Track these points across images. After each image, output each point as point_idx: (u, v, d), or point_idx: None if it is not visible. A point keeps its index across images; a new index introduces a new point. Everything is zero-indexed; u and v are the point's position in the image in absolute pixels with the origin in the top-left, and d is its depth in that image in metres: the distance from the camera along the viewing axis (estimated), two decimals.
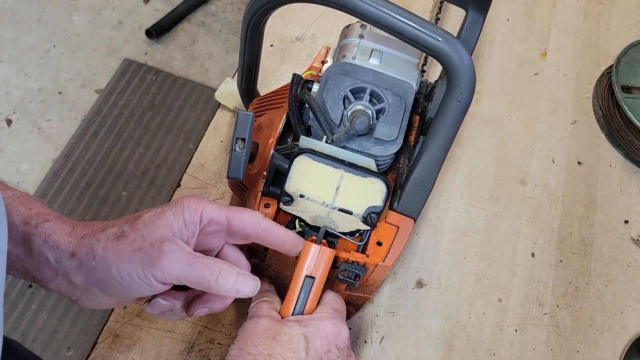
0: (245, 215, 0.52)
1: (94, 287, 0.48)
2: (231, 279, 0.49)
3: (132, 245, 0.47)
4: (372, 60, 0.61)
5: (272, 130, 0.62)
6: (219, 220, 0.51)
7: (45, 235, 0.48)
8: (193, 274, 0.47)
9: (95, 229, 0.49)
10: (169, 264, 0.46)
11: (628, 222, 0.83)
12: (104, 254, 0.47)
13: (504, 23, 1.00)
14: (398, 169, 0.63)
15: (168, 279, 0.47)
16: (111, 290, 0.48)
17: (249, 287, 0.50)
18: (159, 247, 0.47)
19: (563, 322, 0.74)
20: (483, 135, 0.88)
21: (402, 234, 0.58)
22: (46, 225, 0.49)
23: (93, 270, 0.47)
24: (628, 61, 0.91)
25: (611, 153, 0.89)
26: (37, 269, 0.49)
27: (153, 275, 0.46)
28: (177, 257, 0.47)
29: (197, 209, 0.50)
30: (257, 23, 0.60)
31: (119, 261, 0.47)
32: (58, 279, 0.49)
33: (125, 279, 0.47)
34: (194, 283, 0.48)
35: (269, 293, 0.58)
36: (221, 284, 0.48)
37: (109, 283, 0.47)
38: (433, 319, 0.73)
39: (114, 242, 0.48)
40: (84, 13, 2.06)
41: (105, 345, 0.67)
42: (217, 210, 0.51)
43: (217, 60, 1.99)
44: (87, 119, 1.82)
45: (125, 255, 0.47)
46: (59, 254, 0.48)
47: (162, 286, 0.48)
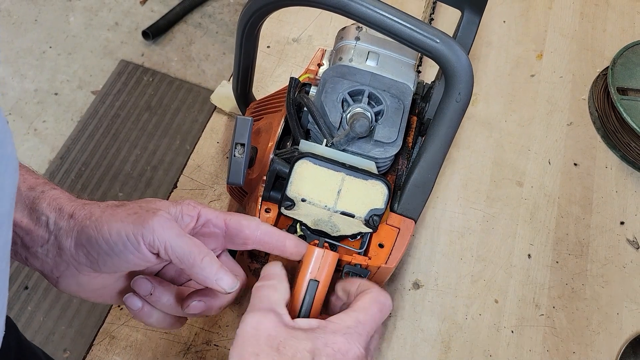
0: (243, 218, 0.52)
1: (81, 252, 0.48)
2: (215, 265, 0.48)
3: (129, 210, 0.48)
4: (369, 62, 0.61)
5: (270, 134, 0.62)
6: (216, 222, 0.51)
7: (50, 199, 0.49)
8: (180, 245, 0.47)
9: (98, 202, 0.50)
10: (159, 226, 0.46)
11: (624, 223, 0.83)
12: (100, 214, 0.47)
13: (500, 25, 1.01)
14: (397, 171, 0.63)
15: (156, 243, 0.46)
16: (96, 252, 0.47)
17: (228, 282, 0.48)
18: (154, 212, 0.47)
19: (559, 323, 0.75)
20: (479, 137, 0.88)
21: (404, 235, 0.58)
22: (52, 192, 0.50)
23: (85, 229, 0.47)
24: (624, 63, 0.91)
25: (607, 155, 0.89)
26: (30, 232, 0.49)
27: (142, 234, 0.46)
28: (169, 224, 0.47)
29: (194, 207, 0.51)
30: (252, 27, 0.60)
31: (112, 220, 0.47)
32: (49, 242, 0.49)
33: (114, 237, 0.46)
34: (179, 256, 0.47)
35: (278, 278, 0.52)
36: (205, 266, 0.47)
37: (96, 243, 0.47)
38: (430, 321, 0.73)
39: (112, 208, 0.48)
40: (80, 14, 2.06)
41: (102, 347, 0.67)
42: (214, 213, 0.51)
43: (214, 61, 1.99)
44: (84, 120, 1.82)
45: (120, 216, 0.47)
46: (59, 216, 0.48)
47: (149, 254, 0.47)
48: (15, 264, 1.61)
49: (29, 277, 1.55)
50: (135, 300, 0.51)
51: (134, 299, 0.51)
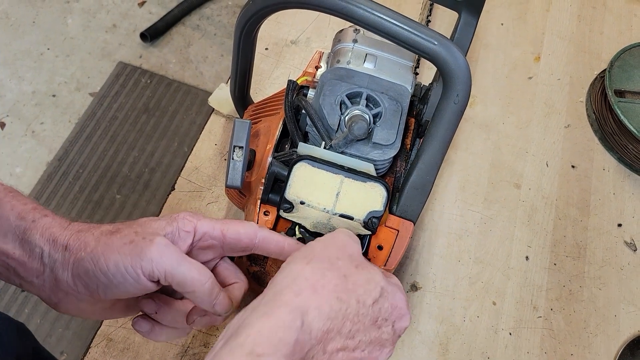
0: (240, 227, 0.51)
1: (79, 283, 0.47)
2: (214, 292, 0.48)
3: (124, 238, 0.47)
4: (367, 64, 0.61)
5: (269, 137, 0.62)
6: (213, 234, 0.50)
7: (42, 230, 0.48)
8: (181, 272, 0.46)
9: (92, 226, 0.49)
10: (158, 255, 0.45)
11: (621, 225, 0.83)
12: (95, 245, 0.46)
13: (498, 27, 1.01)
14: (396, 173, 0.63)
15: (155, 273, 0.46)
16: (94, 284, 0.47)
17: (224, 307, 0.49)
18: (151, 240, 0.46)
19: (557, 325, 0.75)
20: (477, 139, 0.88)
21: (402, 237, 0.58)
22: (44, 220, 0.48)
23: (81, 262, 0.46)
24: (621, 65, 0.91)
25: (604, 157, 0.89)
26: (24, 265, 0.48)
27: (141, 266, 0.45)
28: (168, 251, 0.46)
29: (190, 220, 0.50)
30: (250, 30, 0.60)
31: (108, 252, 0.46)
32: (44, 274, 0.48)
33: (112, 270, 0.45)
34: (180, 282, 0.47)
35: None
36: (206, 291, 0.47)
37: (94, 276, 0.46)
38: (427, 323, 0.73)
39: (107, 236, 0.47)
40: (78, 16, 2.06)
41: (99, 349, 0.67)
42: (211, 223, 0.50)
43: (212, 63, 1.99)
44: (81, 122, 1.82)
45: (116, 246, 0.46)
46: (53, 248, 0.47)
47: (149, 283, 0.47)
48: None
49: None
50: (143, 324, 0.51)
51: (142, 323, 0.52)
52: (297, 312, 0.41)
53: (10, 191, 0.51)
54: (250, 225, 0.52)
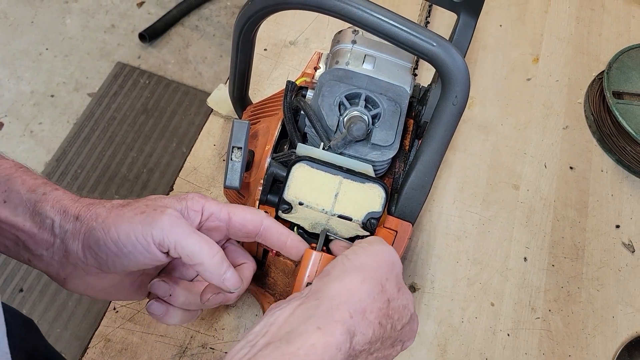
0: (248, 212, 0.51)
1: (89, 254, 0.47)
2: (224, 265, 0.48)
3: (136, 209, 0.47)
4: (366, 65, 0.61)
5: (267, 137, 0.62)
6: (220, 216, 0.51)
7: (53, 201, 0.48)
8: (191, 244, 0.46)
9: (103, 200, 0.49)
10: (169, 225, 0.46)
11: (619, 226, 0.83)
12: (106, 215, 0.47)
13: (496, 29, 1.01)
14: (394, 174, 0.63)
15: (166, 242, 0.46)
16: (104, 253, 0.47)
17: (233, 282, 0.49)
18: (162, 211, 0.47)
19: (555, 327, 0.75)
20: (476, 140, 0.88)
21: (401, 238, 0.58)
22: (55, 193, 0.49)
23: (92, 232, 0.46)
24: (619, 67, 0.92)
25: (603, 158, 0.89)
26: (34, 236, 0.48)
27: (152, 234, 0.46)
28: (178, 222, 0.46)
29: (199, 201, 0.50)
30: (249, 30, 0.60)
31: (119, 221, 0.46)
32: (54, 246, 0.48)
33: (122, 239, 0.46)
34: (190, 254, 0.47)
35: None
36: (214, 264, 0.47)
37: (104, 245, 0.46)
38: (426, 324, 0.73)
39: (118, 208, 0.48)
40: (77, 16, 2.06)
41: (97, 350, 0.67)
42: (218, 205, 0.51)
43: (211, 64, 1.99)
44: (80, 122, 1.82)
45: (127, 217, 0.46)
46: (64, 218, 0.48)
47: (159, 253, 0.47)
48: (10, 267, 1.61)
49: (24, 280, 1.54)
50: (158, 307, 0.52)
51: (157, 305, 0.52)
52: (349, 334, 0.42)
53: (20, 167, 0.51)
54: (258, 213, 0.52)
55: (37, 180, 0.50)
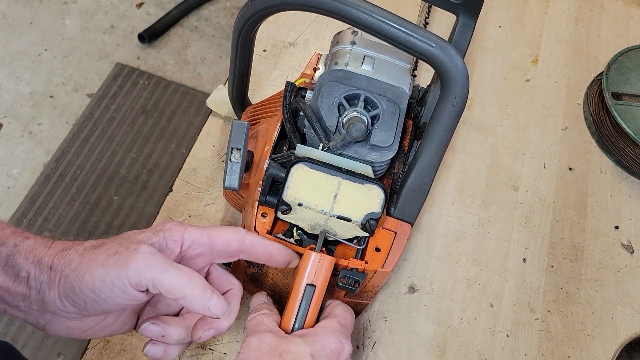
0: (228, 232, 0.51)
1: (66, 301, 0.46)
2: (207, 294, 0.47)
3: (108, 251, 0.46)
4: (365, 66, 0.61)
5: (267, 138, 0.62)
6: (201, 241, 0.50)
7: (25, 252, 0.47)
8: (168, 279, 0.45)
9: (76, 243, 0.48)
10: (143, 264, 0.45)
11: (618, 227, 0.83)
12: (79, 261, 0.45)
13: (495, 30, 1.01)
14: (393, 175, 0.63)
15: (143, 282, 0.45)
16: (82, 300, 0.46)
17: (220, 308, 0.48)
18: (135, 249, 0.45)
19: (554, 328, 0.75)
20: (475, 141, 0.89)
21: (400, 239, 0.58)
22: (26, 243, 0.47)
23: (67, 280, 0.45)
24: (618, 68, 0.92)
25: (602, 159, 0.89)
26: (9, 290, 0.47)
27: (127, 276, 0.44)
28: (154, 259, 0.45)
29: (177, 230, 0.49)
30: (248, 31, 0.60)
31: (92, 266, 0.45)
32: (31, 297, 0.47)
33: (98, 284, 0.44)
34: (169, 289, 0.46)
35: (268, 305, 0.56)
36: (196, 296, 0.46)
37: (80, 292, 0.45)
38: (425, 325, 0.73)
39: (90, 251, 0.46)
40: (76, 17, 2.05)
41: (96, 351, 0.66)
42: (198, 231, 0.50)
43: (210, 64, 1.99)
44: (79, 123, 1.82)
45: (100, 260, 0.45)
46: (38, 269, 0.46)
47: (138, 293, 0.46)
48: None
49: None
50: (155, 349, 0.51)
51: (153, 348, 0.51)
52: None
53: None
54: (238, 231, 0.52)
55: (4, 230, 0.48)
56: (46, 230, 1.59)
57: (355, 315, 0.69)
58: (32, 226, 1.59)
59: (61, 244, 0.48)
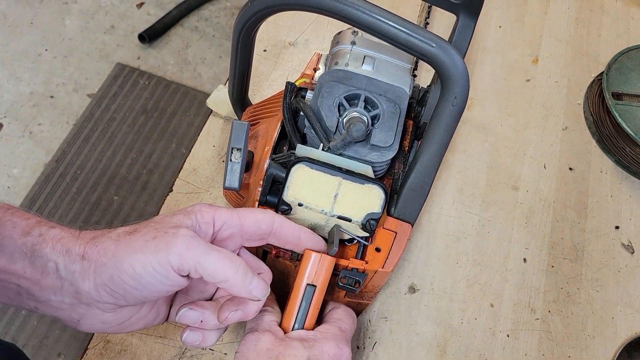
0: (259, 213, 0.50)
1: (103, 291, 0.45)
2: (248, 276, 0.46)
3: (146, 236, 0.44)
4: (365, 66, 0.61)
5: (267, 139, 0.62)
6: (232, 222, 0.49)
7: (53, 242, 0.45)
8: (211, 262, 0.44)
9: (105, 231, 0.46)
10: (185, 247, 0.43)
11: (619, 227, 0.83)
12: (116, 248, 0.44)
13: (495, 30, 1.01)
14: (394, 175, 0.63)
15: (185, 266, 0.44)
16: (121, 289, 0.44)
17: (261, 290, 0.48)
18: (174, 233, 0.44)
19: (555, 328, 0.75)
20: (475, 141, 0.88)
21: (400, 239, 0.58)
22: (53, 232, 0.46)
23: (103, 268, 0.44)
24: (618, 68, 0.92)
25: (602, 159, 0.89)
26: (38, 282, 0.45)
27: (169, 262, 0.43)
28: (196, 242, 0.44)
29: (208, 212, 0.49)
30: (248, 31, 0.60)
31: (131, 252, 0.43)
32: (63, 290, 0.45)
33: (139, 271, 0.43)
34: (212, 273, 0.45)
35: (270, 301, 0.55)
36: (238, 279, 0.45)
37: (120, 280, 0.44)
38: (425, 325, 0.73)
39: (126, 237, 0.45)
40: (76, 17, 2.05)
41: (96, 351, 0.66)
42: (228, 212, 0.49)
43: (210, 65, 1.99)
44: (79, 123, 1.82)
45: (139, 245, 0.44)
46: (69, 259, 0.45)
47: (180, 278, 0.45)
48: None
49: None
50: (193, 336, 0.50)
51: (192, 335, 0.50)
52: None
53: (8, 208, 0.47)
54: (268, 212, 0.51)
55: (29, 220, 0.47)
56: None
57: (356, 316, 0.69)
58: None
59: (90, 232, 0.47)
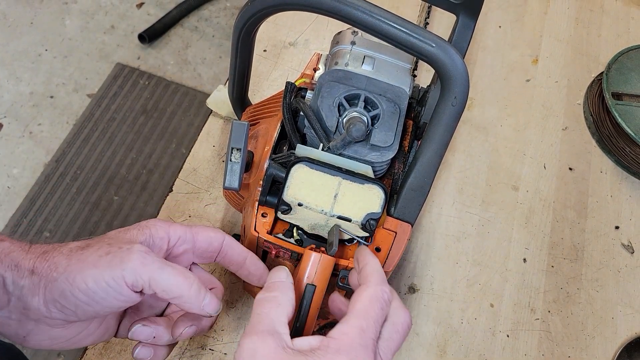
0: (210, 230, 0.51)
1: (53, 307, 0.44)
2: (202, 293, 0.46)
3: (99, 251, 0.44)
4: (365, 66, 0.61)
5: (267, 139, 0.62)
6: (186, 238, 0.50)
7: (1, 256, 0.44)
8: (165, 278, 0.44)
9: (57, 246, 0.46)
10: (139, 263, 0.43)
11: (619, 227, 0.83)
12: (67, 263, 0.43)
13: (495, 30, 1.01)
14: (394, 175, 0.63)
15: (139, 282, 0.43)
16: (73, 305, 0.43)
17: (214, 306, 0.48)
18: (129, 248, 0.44)
19: (554, 328, 0.75)
20: (475, 141, 0.88)
21: (400, 239, 0.58)
22: (1, 246, 0.45)
23: (54, 284, 0.43)
24: (618, 68, 0.92)
25: (602, 159, 0.89)
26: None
27: (123, 277, 0.43)
28: (150, 259, 0.44)
29: (162, 227, 0.49)
30: (248, 31, 0.60)
31: (84, 268, 0.43)
32: (10, 305, 0.44)
33: (92, 286, 0.42)
34: (165, 289, 0.44)
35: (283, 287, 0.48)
36: (194, 293, 0.45)
37: (71, 295, 0.43)
38: (425, 325, 0.73)
39: (78, 252, 0.44)
40: (76, 17, 2.05)
41: (96, 351, 0.66)
42: (182, 228, 0.50)
43: (210, 65, 1.99)
44: (79, 123, 1.82)
45: (92, 260, 0.43)
46: (17, 274, 0.43)
47: (133, 294, 0.44)
48: None
49: None
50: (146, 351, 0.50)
51: (145, 350, 0.50)
52: None
53: None
54: (219, 231, 0.52)
55: None
56: (46, 231, 1.59)
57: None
58: (32, 226, 1.59)
59: (41, 247, 0.45)
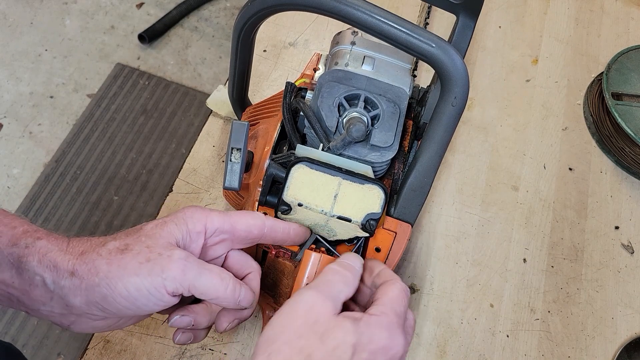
0: (249, 217, 0.51)
1: (94, 308, 0.45)
2: (237, 291, 0.48)
3: (139, 257, 0.45)
4: (365, 66, 0.61)
5: (267, 139, 0.62)
6: (224, 229, 0.50)
7: (39, 255, 0.45)
8: (203, 283, 0.46)
9: (95, 244, 0.46)
10: (180, 272, 0.44)
11: (619, 228, 0.83)
12: (108, 269, 0.44)
13: (495, 30, 1.01)
14: (393, 175, 0.63)
15: (179, 290, 0.45)
16: (114, 308, 0.45)
17: (248, 300, 0.49)
18: (169, 256, 0.45)
19: (554, 328, 0.75)
20: (475, 142, 0.89)
21: (400, 239, 0.58)
22: (39, 244, 0.45)
23: (96, 288, 0.44)
24: (618, 68, 0.92)
25: (602, 159, 0.89)
26: (27, 293, 0.45)
27: (165, 286, 0.44)
28: (190, 266, 0.45)
29: (200, 219, 0.49)
30: (248, 32, 0.60)
31: (125, 275, 0.44)
32: (52, 302, 0.45)
33: (134, 294, 0.44)
34: (204, 292, 0.46)
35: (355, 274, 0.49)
36: (229, 293, 0.47)
37: (113, 301, 0.44)
38: (425, 325, 0.73)
39: (118, 256, 0.45)
40: (76, 17, 2.05)
41: (96, 351, 0.66)
42: (220, 218, 0.50)
43: (210, 65, 1.99)
44: (79, 123, 1.82)
45: (132, 268, 0.44)
46: (57, 274, 0.44)
47: (172, 298, 0.46)
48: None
49: None
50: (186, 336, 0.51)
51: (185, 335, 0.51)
52: None
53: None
54: (258, 215, 0.52)
55: (16, 229, 0.46)
56: None
57: None
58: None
59: (79, 245, 0.46)
